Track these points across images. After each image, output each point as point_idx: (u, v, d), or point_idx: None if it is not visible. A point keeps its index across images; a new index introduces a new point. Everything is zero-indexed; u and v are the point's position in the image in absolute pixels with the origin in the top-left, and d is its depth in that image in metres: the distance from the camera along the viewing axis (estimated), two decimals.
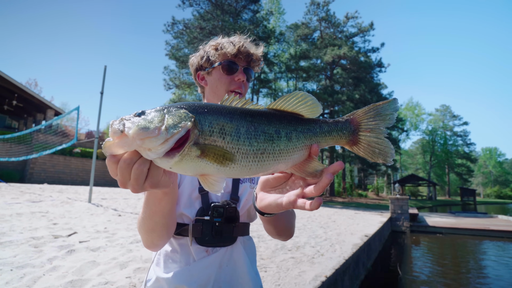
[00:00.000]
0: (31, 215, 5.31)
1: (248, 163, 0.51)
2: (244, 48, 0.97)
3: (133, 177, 0.48)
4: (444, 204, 40.59)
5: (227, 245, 0.90)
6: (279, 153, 0.53)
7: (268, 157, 0.52)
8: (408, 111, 57.53)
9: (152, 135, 0.44)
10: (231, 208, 0.89)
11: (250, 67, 0.99)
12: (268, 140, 0.52)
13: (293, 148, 0.54)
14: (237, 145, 0.49)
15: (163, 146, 0.45)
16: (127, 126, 0.45)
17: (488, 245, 10.05)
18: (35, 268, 2.62)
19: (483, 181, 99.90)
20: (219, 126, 0.49)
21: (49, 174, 22.47)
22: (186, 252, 0.88)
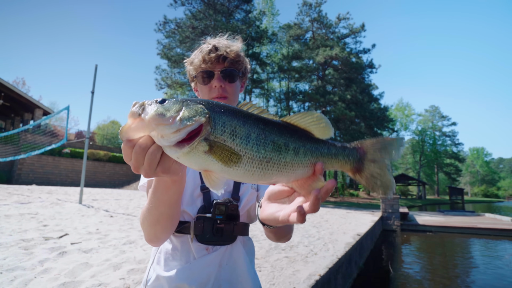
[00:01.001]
0: (20, 217, 5.19)
1: (252, 168, 0.51)
2: (213, 53, 0.95)
3: (146, 162, 0.50)
4: (433, 203, 41.37)
5: (227, 244, 0.91)
6: (284, 165, 0.54)
7: (272, 166, 0.53)
8: (398, 112, 58.45)
9: (167, 122, 0.47)
10: (233, 206, 0.90)
11: (229, 68, 0.96)
12: (276, 150, 0.53)
13: (299, 163, 0.55)
14: (245, 149, 0.50)
15: (175, 135, 0.47)
16: (145, 111, 0.48)
17: (475, 243, 10.30)
18: (26, 270, 2.57)
19: (471, 180, 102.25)
20: (232, 127, 0.50)
21: (37, 175, 21.99)
22: (187, 250, 0.88)
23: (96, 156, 25.68)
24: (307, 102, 33.27)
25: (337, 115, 27.99)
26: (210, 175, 0.51)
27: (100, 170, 25.99)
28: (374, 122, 31.91)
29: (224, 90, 0.97)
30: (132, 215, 6.72)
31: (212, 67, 0.96)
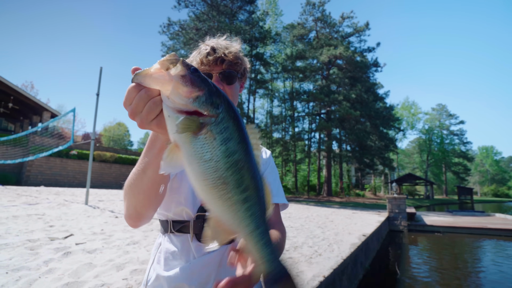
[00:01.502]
0: (27, 218, 5.26)
1: (205, 178, 0.50)
2: (211, 55, 0.94)
3: (146, 109, 0.51)
4: (442, 203, 40.79)
5: (227, 244, 0.89)
6: (225, 200, 0.51)
7: (217, 190, 0.50)
8: (404, 111, 57.83)
9: (183, 90, 0.48)
10: None
11: (227, 70, 0.96)
12: (235, 184, 0.50)
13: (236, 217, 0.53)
14: (220, 158, 0.49)
15: (181, 106, 0.48)
16: (176, 69, 0.49)
17: (486, 244, 10.11)
18: (30, 270, 2.59)
19: (480, 180, 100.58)
20: (227, 135, 0.50)
21: (46, 177, 22.32)
22: (186, 249, 0.88)
23: (102, 157, 25.97)
24: (312, 102, 33.15)
25: (342, 114, 27.83)
26: (174, 151, 0.50)
27: (107, 171, 26.27)
28: (380, 121, 31.62)
29: (227, 90, 0.97)
30: None
31: (210, 69, 0.96)
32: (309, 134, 34.26)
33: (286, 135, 34.42)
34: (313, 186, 35.91)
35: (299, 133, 33.69)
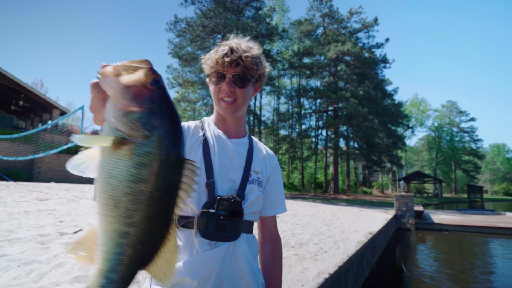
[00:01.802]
0: (38, 213, 5.40)
1: (102, 191, 0.47)
2: (227, 57, 0.95)
3: (96, 108, 0.51)
4: (451, 201, 40.20)
5: (231, 240, 0.92)
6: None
7: (104, 210, 0.47)
8: (413, 107, 56.94)
9: (119, 102, 0.46)
10: (236, 202, 0.91)
11: (241, 73, 0.96)
12: (123, 217, 0.46)
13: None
14: (123, 180, 0.46)
15: (112, 116, 0.47)
16: (129, 76, 0.47)
17: (495, 243, 9.95)
18: (41, 264, 2.67)
19: (491, 178, 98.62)
20: (145, 161, 0.46)
21: (56, 173, 22.79)
22: (190, 244, 0.90)
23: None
24: (319, 99, 32.92)
25: (350, 111, 27.57)
26: (92, 155, 0.49)
27: None
28: (388, 118, 31.23)
29: (233, 93, 0.98)
30: None
31: (224, 70, 0.97)
32: (316, 131, 34.08)
33: (293, 132, 34.32)
34: (319, 184, 35.80)
35: (306, 130, 33.54)
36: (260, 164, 1.08)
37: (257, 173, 1.04)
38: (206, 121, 1.08)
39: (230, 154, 1.01)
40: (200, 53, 29.92)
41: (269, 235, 1.14)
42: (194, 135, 1.01)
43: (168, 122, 0.48)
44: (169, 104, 0.49)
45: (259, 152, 1.11)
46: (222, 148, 1.01)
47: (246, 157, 1.04)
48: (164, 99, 0.49)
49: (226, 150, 1.01)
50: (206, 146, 0.98)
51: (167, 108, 0.49)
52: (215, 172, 0.95)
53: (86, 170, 0.48)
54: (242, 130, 1.10)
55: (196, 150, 0.97)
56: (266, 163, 1.12)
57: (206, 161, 0.95)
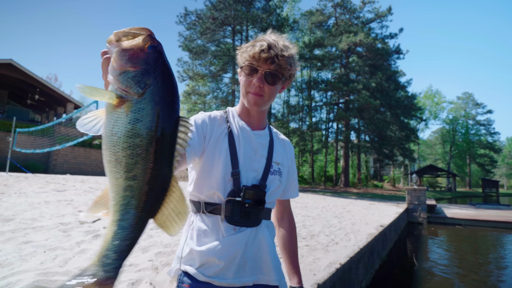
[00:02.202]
0: (57, 203, 5.62)
1: (105, 148, 0.52)
2: (264, 53, 0.97)
3: (104, 73, 0.58)
4: (464, 196, 39.40)
5: (253, 226, 0.99)
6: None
7: (109, 167, 0.52)
8: (427, 100, 55.51)
9: (117, 63, 0.52)
10: (261, 192, 0.98)
11: (274, 71, 0.99)
12: (125, 171, 0.51)
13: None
14: (121, 135, 0.51)
15: (111, 77, 0.52)
16: (127, 41, 0.53)
17: (510, 238, 9.75)
18: (65, 250, 2.81)
19: (507, 172, 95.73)
20: (139, 117, 0.51)
21: (71, 165, 23.47)
22: (217, 229, 0.97)
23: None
24: (330, 91, 32.49)
25: (361, 104, 27.13)
26: (98, 116, 0.54)
27: None
28: (401, 110, 30.58)
29: (261, 89, 1.01)
30: None
31: (258, 65, 1.00)
32: (326, 124, 33.74)
33: (303, 125, 34.08)
34: (330, 177, 35.63)
35: (317, 123, 33.25)
36: (281, 155, 1.14)
37: (278, 164, 1.10)
38: (230, 112, 1.12)
39: (254, 145, 1.06)
40: (210, 45, 29.88)
41: (286, 213, 1.26)
42: (220, 126, 1.05)
43: (160, 81, 0.52)
44: (164, 65, 0.54)
45: (279, 143, 1.17)
46: (246, 139, 1.05)
47: (268, 149, 1.09)
48: (159, 61, 0.53)
49: (250, 142, 1.06)
50: (231, 137, 1.03)
51: (161, 69, 0.53)
52: (240, 162, 1.00)
53: (91, 129, 0.54)
54: (264, 122, 1.14)
55: (223, 141, 1.02)
56: (287, 153, 1.19)
57: (231, 152, 1.00)
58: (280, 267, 1.07)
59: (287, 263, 1.18)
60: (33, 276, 2.17)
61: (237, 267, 0.94)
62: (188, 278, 0.94)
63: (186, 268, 0.95)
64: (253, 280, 0.96)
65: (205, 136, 1.00)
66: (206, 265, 0.93)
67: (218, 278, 0.92)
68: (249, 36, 29.55)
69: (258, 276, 0.98)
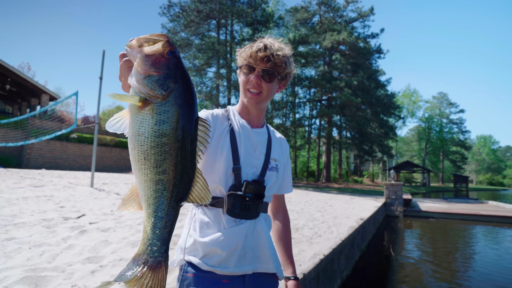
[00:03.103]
0: (37, 199, 5.44)
1: (133, 148, 0.57)
2: (261, 52, 1.05)
3: (123, 75, 0.62)
4: (438, 191, 41.50)
5: (252, 219, 1.06)
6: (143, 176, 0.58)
7: (138, 165, 0.57)
8: (405, 98, 57.57)
9: (141, 67, 0.56)
10: (261, 186, 1.05)
11: (270, 69, 1.07)
12: (154, 167, 0.56)
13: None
14: (148, 135, 0.56)
15: (135, 80, 0.57)
16: (149, 46, 0.57)
17: (478, 229, 10.46)
18: (51, 246, 2.78)
19: (476, 168, 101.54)
20: (165, 118, 0.56)
21: (46, 160, 22.48)
22: (218, 221, 1.03)
23: (103, 141, 26.04)
24: (313, 88, 32.96)
25: (343, 101, 27.75)
26: (123, 116, 0.60)
27: (107, 155, 26.43)
28: (381, 108, 31.58)
29: (259, 86, 1.08)
30: None
31: (255, 63, 1.07)
32: (309, 121, 34.29)
33: (287, 121, 34.41)
34: (312, 172, 36.32)
35: (300, 120, 33.70)
36: (278, 152, 1.22)
37: (275, 161, 1.18)
38: (231, 110, 1.19)
39: (254, 142, 1.13)
40: (194, 39, 29.35)
41: (280, 207, 1.35)
42: (222, 124, 1.12)
43: (181, 85, 0.58)
44: (183, 70, 0.59)
45: (276, 141, 1.25)
46: (247, 137, 1.12)
47: (266, 146, 1.17)
48: (178, 66, 0.59)
49: (250, 139, 1.13)
50: (233, 135, 1.09)
51: (181, 73, 0.59)
52: (241, 158, 1.07)
53: (119, 128, 0.60)
54: (262, 120, 1.22)
55: (225, 138, 1.08)
56: (283, 150, 1.27)
57: (233, 149, 1.07)
58: (277, 257, 1.15)
59: (281, 254, 1.26)
60: (21, 273, 2.15)
61: (238, 257, 1.01)
62: (192, 267, 1.00)
63: (190, 258, 1.01)
64: (252, 269, 1.04)
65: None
66: (209, 255, 0.99)
67: (220, 267, 0.99)
68: (234, 30, 29.30)
69: (257, 265, 1.05)
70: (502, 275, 5.39)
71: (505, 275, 5.41)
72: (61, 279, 2.14)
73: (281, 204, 1.34)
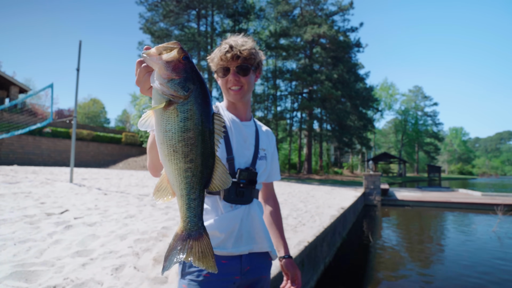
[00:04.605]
0: (14, 196, 5.24)
1: (162, 143, 0.65)
2: (229, 53, 1.14)
3: (144, 79, 0.68)
4: (413, 180, 43.51)
5: (246, 204, 1.16)
6: (174, 169, 0.67)
7: (168, 157, 0.65)
8: (383, 91, 59.38)
9: (163, 72, 0.63)
10: (253, 173, 1.16)
11: (243, 64, 1.16)
12: (183, 157, 0.64)
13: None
14: (175, 131, 0.64)
15: (159, 84, 0.64)
16: (167, 54, 0.64)
17: (448, 216, 11.19)
18: (37, 242, 2.74)
19: (448, 159, 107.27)
20: (188, 116, 0.64)
21: (18, 155, 21.41)
22: (216, 207, 1.14)
23: (79, 135, 25.06)
24: (294, 81, 33.25)
25: (324, 94, 28.25)
26: (149, 116, 0.67)
27: (84, 149, 25.49)
28: (360, 101, 32.47)
29: (239, 81, 1.18)
30: (125, 193, 6.87)
31: (228, 64, 1.17)
32: (291, 113, 34.66)
33: (269, 114, 34.60)
34: (293, 164, 36.92)
35: (282, 112, 34.00)
36: (266, 143, 1.33)
37: (264, 150, 1.29)
38: (220, 107, 1.28)
39: (244, 135, 1.23)
40: (174, 29, 28.61)
41: (270, 194, 1.46)
42: None
43: (199, 86, 0.67)
44: (198, 73, 0.68)
45: (263, 133, 1.35)
46: (237, 129, 1.22)
47: (255, 137, 1.27)
48: (194, 70, 0.67)
49: (241, 132, 1.23)
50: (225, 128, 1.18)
51: (197, 76, 0.67)
52: (234, 149, 1.17)
53: (148, 126, 0.68)
54: (249, 113, 1.32)
55: None
56: (269, 141, 1.38)
57: (226, 141, 1.16)
58: (270, 237, 1.27)
59: (274, 236, 1.37)
60: (9, 268, 2.13)
61: (235, 239, 1.11)
62: None
63: None
64: (248, 249, 1.14)
65: None
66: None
67: (219, 248, 1.09)
68: (214, 21, 28.81)
69: (252, 246, 1.16)
70: (470, 256, 5.86)
71: (472, 256, 5.89)
72: (52, 272, 2.14)
73: (270, 191, 1.45)
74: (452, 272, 4.90)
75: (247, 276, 1.13)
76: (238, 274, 1.11)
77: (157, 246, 2.86)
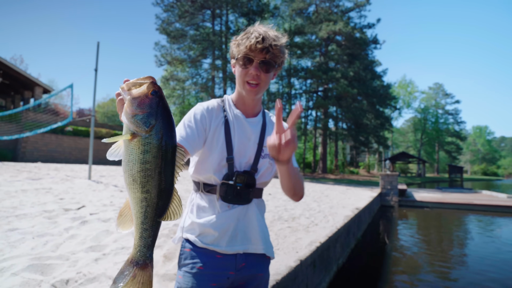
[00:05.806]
0: (35, 191, 5.47)
1: (125, 171, 0.71)
2: (259, 44, 1.06)
3: (119, 111, 0.73)
4: (432, 181, 42.05)
5: (244, 204, 1.13)
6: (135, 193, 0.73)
7: (128, 185, 0.72)
8: (401, 89, 57.64)
9: (130, 108, 0.69)
10: (250, 178, 1.12)
11: (268, 60, 1.08)
12: (140, 187, 0.70)
13: None
14: (135, 162, 0.69)
15: (126, 118, 0.69)
16: (136, 89, 0.69)
17: (471, 218, 10.70)
18: (54, 236, 2.83)
19: (471, 159, 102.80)
20: (148, 149, 0.69)
21: (41, 153, 22.33)
22: (213, 206, 1.13)
23: (98, 134, 25.87)
24: (309, 79, 32.87)
25: (339, 92, 27.77)
26: (119, 146, 0.73)
27: (103, 148, 26.25)
28: (377, 99, 31.66)
29: (258, 77, 1.10)
30: None
31: (254, 55, 1.08)
32: (306, 112, 34.29)
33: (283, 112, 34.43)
34: (308, 164, 36.56)
35: None
36: None
37: None
38: (227, 100, 1.22)
39: (248, 133, 1.18)
40: (189, 29, 28.93)
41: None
42: (217, 116, 1.17)
43: (161, 121, 0.71)
44: (164, 108, 0.72)
45: (272, 127, 1.26)
46: (241, 127, 1.17)
47: (259, 135, 1.20)
48: (159, 104, 0.71)
49: (244, 130, 1.18)
50: (227, 126, 1.15)
51: (162, 111, 0.71)
52: (235, 149, 1.13)
53: (117, 155, 0.74)
54: (258, 108, 1.24)
55: (220, 130, 1.14)
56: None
57: (227, 140, 1.13)
58: (268, 239, 1.22)
59: None
60: (27, 261, 2.20)
61: (229, 238, 1.10)
62: (189, 243, 1.12)
63: (188, 236, 1.12)
64: (243, 249, 1.12)
65: (205, 129, 1.12)
66: (203, 234, 1.10)
67: (213, 245, 1.09)
68: (229, 21, 28.93)
69: (247, 246, 1.14)
70: (494, 263, 5.57)
71: (497, 262, 5.59)
72: (66, 266, 2.20)
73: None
74: (475, 279, 4.67)
75: (242, 272, 1.12)
76: (233, 270, 1.10)
77: (167, 243, 2.89)
